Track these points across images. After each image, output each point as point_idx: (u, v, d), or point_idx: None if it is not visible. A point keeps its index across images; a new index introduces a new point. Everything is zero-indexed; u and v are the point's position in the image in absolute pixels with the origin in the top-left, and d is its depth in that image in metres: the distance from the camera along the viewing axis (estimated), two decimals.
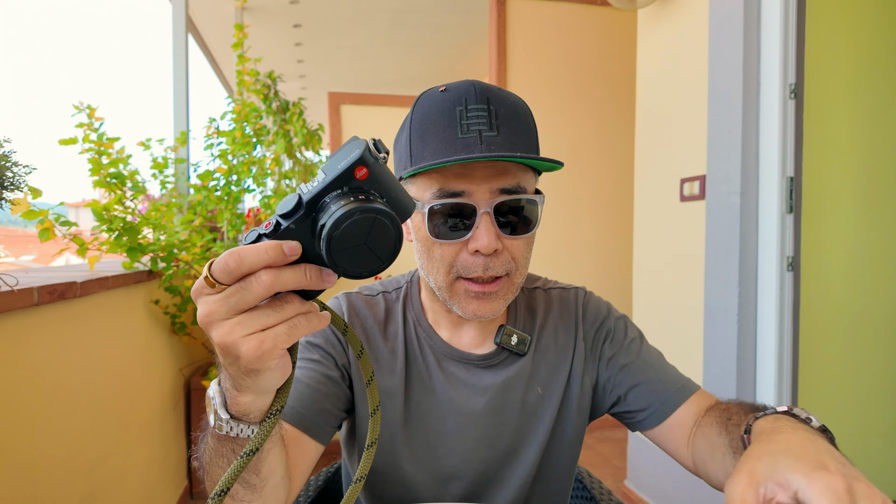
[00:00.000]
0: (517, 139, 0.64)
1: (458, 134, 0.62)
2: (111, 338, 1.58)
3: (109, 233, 1.77)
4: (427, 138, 0.64)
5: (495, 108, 0.63)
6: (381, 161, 0.41)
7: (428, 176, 0.65)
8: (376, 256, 0.40)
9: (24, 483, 1.09)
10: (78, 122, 1.82)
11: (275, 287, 0.39)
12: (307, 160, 3.52)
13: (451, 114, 0.63)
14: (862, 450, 1.92)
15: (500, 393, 0.76)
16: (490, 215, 0.63)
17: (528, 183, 0.67)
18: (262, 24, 4.32)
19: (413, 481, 0.75)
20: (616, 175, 3.30)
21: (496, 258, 0.65)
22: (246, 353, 0.40)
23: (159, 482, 1.94)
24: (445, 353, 0.77)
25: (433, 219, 0.64)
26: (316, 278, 0.41)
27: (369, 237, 0.39)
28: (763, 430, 0.52)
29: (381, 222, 0.39)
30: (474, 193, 0.63)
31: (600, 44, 3.31)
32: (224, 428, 0.47)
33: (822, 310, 1.83)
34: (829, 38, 1.79)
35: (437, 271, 0.68)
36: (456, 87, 0.65)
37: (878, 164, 1.90)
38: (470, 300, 0.68)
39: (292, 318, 0.41)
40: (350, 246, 0.39)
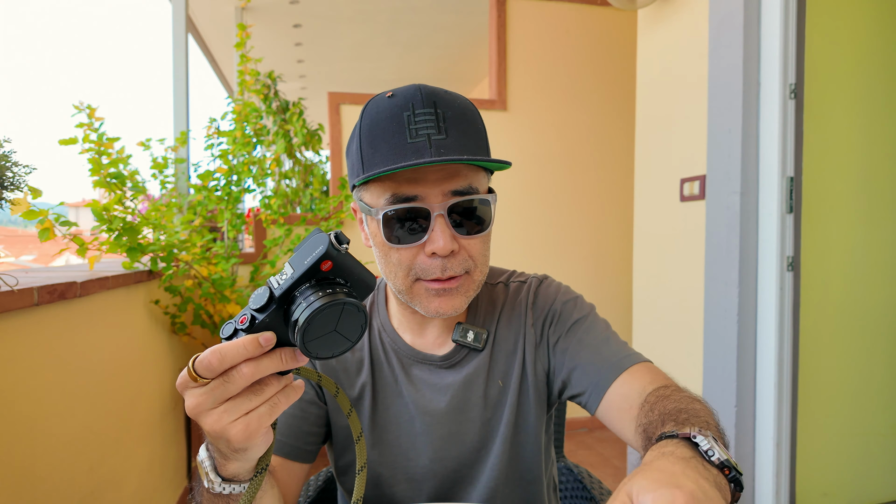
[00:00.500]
0: (466, 141, 0.65)
1: (408, 139, 0.63)
2: (111, 338, 1.58)
3: (109, 233, 1.76)
4: (377, 145, 0.64)
5: (442, 112, 0.64)
6: (344, 251, 0.44)
7: (381, 182, 0.65)
8: (346, 339, 0.45)
9: (25, 483, 1.09)
10: (78, 122, 1.82)
11: (255, 376, 0.44)
12: (307, 160, 3.52)
13: (398, 119, 0.64)
14: (862, 450, 1.92)
15: (462, 390, 0.77)
16: (444, 217, 0.64)
17: (480, 183, 0.68)
18: (262, 24, 4.32)
19: (388, 483, 0.77)
20: (616, 175, 3.30)
21: (454, 258, 0.67)
22: (234, 437, 0.45)
23: (159, 482, 1.94)
24: (409, 357, 0.79)
25: (388, 224, 0.65)
26: (291, 360, 0.45)
27: (338, 325, 0.44)
28: (647, 458, 0.49)
29: (348, 310, 0.43)
30: (427, 197, 0.64)
31: (600, 44, 3.31)
32: (216, 488, 0.52)
33: (822, 310, 1.83)
34: (828, 38, 1.79)
35: (395, 275, 0.69)
36: (402, 93, 0.66)
37: (878, 163, 1.90)
38: (431, 298, 0.69)
39: (272, 397, 0.46)
40: (321, 335, 0.43)
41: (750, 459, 1.79)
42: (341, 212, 2.87)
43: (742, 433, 1.77)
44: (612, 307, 3.05)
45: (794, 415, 1.76)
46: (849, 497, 1.91)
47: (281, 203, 2.81)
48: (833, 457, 1.88)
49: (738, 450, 1.77)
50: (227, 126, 2.62)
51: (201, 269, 2.21)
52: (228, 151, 2.55)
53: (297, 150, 3.45)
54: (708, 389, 1.88)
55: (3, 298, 1.01)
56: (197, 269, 2.20)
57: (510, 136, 3.17)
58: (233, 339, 0.45)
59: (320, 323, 0.43)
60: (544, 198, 3.14)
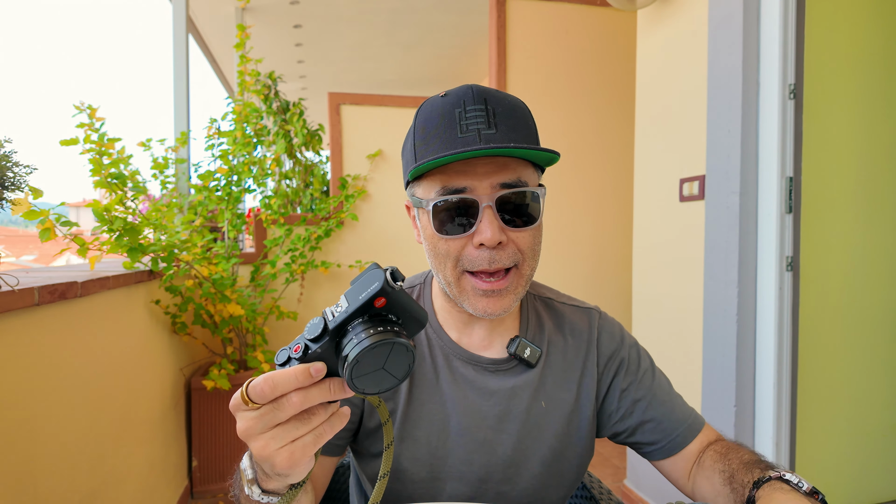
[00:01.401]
0: (515, 134, 0.66)
1: (458, 133, 0.65)
2: (112, 338, 1.58)
3: (110, 233, 1.77)
4: (429, 140, 0.67)
5: (493, 108, 0.66)
6: (399, 288, 0.45)
7: (432, 176, 0.67)
8: (393, 377, 0.46)
9: (25, 483, 1.09)
10: (79, 123, 1.82)
11: (304, 406, 0.45)
12: (307, 160, 3.53)
13: (450, 116, 0.66)
14: (861, 450, 1.92)
15: (506, 399, 0.77)
16: (492, 209, 0.66)
17: (529, 177, 0.69)
18: (262, 25, 4.32)
19: (410, 479, 0.77)
20: (615, 175, 3.30)
21: (502, 251, 0.67)
22: (279, 463, 0.47)
23: (159, 482, 1.95)
24: (454, 353, 0.78)
25: (437, 215, 0.67)
26: (339, 391, 0.47)
27: (386, 363, 0.45)
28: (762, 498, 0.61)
29: (397, 349, 0.44)
30: (476, 189, 0.66)
31: (600, 44, 3.31)
32: (255, 497, 0.54)
33: (822, 310, 1.83)
34: (828, 38, 1.79)
35: (444, 266, 0.70)
36: (455, 92, 0.68)
37: (877, 163, 1.90)
38: (479, 298, 0.69)
39: (318, 427, 0.47)
40: (369, 371, 0.44)
41: None
42: (341, 212, 2.87)
43: (741, 433, 1.78)
44: (612, 307, 3.05)
45: (794, 415, 1.77)
46: (848, 497, 1.91)
47: (281, 203, 2.82)
48: (832, 457, 1.89)
49: None
50: (228, 126, 2.62)
51: (202, 269, 2.22)
52: (229, 152, 2.55)
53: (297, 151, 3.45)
54: (707, 389, 1.88)
55: (4, 298, 1.01)
56: (197, 269, 2.20)
57: None
58: (286, 366, 0.46)
59: (369, 360, 0.44)
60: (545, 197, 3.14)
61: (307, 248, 2.78)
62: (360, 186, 2.93)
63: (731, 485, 0.69)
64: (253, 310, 2.45)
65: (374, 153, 2.94)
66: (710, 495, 0.74)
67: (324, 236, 2.82)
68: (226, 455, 2.36)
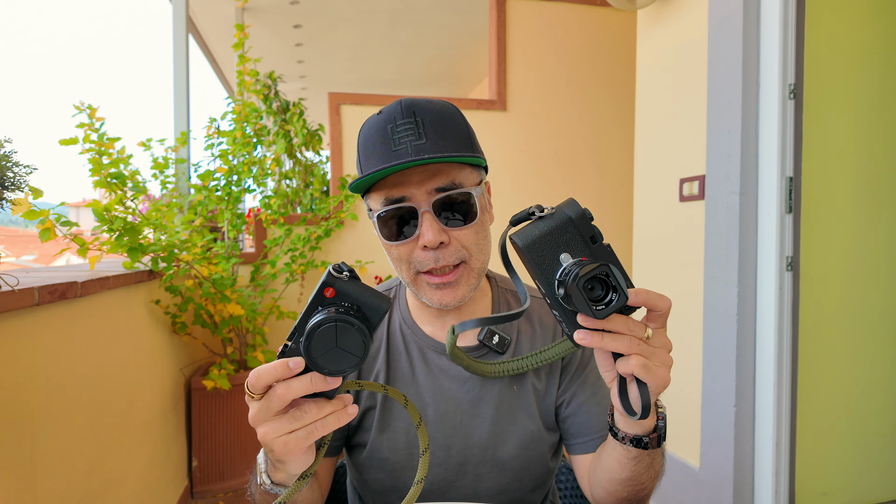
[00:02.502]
0: (444, 142, 0.71)
1: (392, 147, 0.71)
2: (112, 338, 1.58)
3: (110, 233, 1.77)
4: (370, 157, 0.73)
5: (421, 119, 0.72)
6: (345, 278, 0.51)
7: (377, 190, 0.74)
8: (351, 354, 0.49)
9: (25, 483, 1.09)
10: (78, 123, 1.82)
11: (287, 395, 0.51)
12: (307, 160, 3.53)
13: (384, 132, 0.72)
14: (861, 449, 1.92)
15: (478, 385, 0.82)
16: (430, 213, 0.71)
17: (465, 179, 0.74)
18: (262, 25, 4.32)
19: (392, 467, 0.82)
20: (615, 175, 3.30)
21: (445, 249, 0.73)
22: (277, 451, 0.54)
23: (160, 482, 1.95)
24: (428, 345, 0.83)
25: (384, 224, 0.74)
26: (321, 383, 0.51)
27: (338, 341, 0.48)
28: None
29: (342, 327, 0.48)
30: (414, 196, 0.72)
31: (600, 44, 3.31)
32: (266, 487, 0.61)
33: (822, 310, 1.83)
34: (828, 38, 1.79)
35: (400, 269, 0.77)
36: (387, 109, 0.74)
37: (877, 163, 1.90)
38: (434, 291, 0.75)
39: (310, 423, 0.53)
40: (325, 351, 0.48)
41: (749, 459, 1.79)
42: (341, 212, 2.87)
43: (741, 433, 1.78)
44: None
45: (794, 414, 1.77)
46: (848, 496, 1.91)
47: (281, 203, 2.81)
48: (832, 456, 1.89)
49: (738, 449, 1.77)
50: (228, 126, 2.62)
51: (202, 269, 2.22)
52: (229, 151, 2.55)
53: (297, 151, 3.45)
54: (707, 389, 1.88)
55: (4, 298, 1.01)
56: (197, 269, 2.20)
57: (510, 136, 3.17)
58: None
59: (319, 340, 0.48)
60: (544, 197, 3.14)
61: (307, 248, 2.78)
62: None
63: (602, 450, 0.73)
64: (253, 310, 2.45)
65: None
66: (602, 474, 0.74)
67: (324, 236, 2.82)
68: (226, 455, 2.36)
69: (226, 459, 2.36)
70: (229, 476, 2.36)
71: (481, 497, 0.82)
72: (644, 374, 0.53)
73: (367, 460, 0.82)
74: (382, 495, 0.83)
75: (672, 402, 2.02)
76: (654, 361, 0.54)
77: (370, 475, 0.83)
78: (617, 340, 0.53)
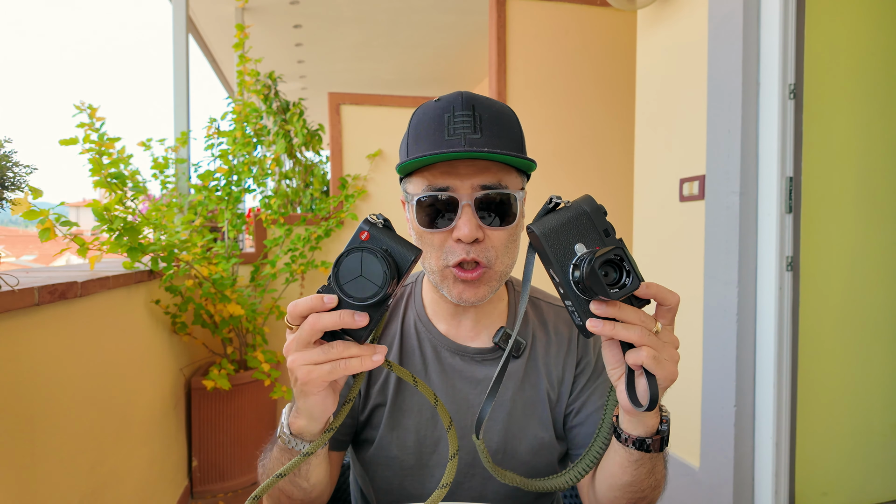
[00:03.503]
0: (498, 140, 0.71)
1: (445, 136, 0.70)
2: (111, 338, 1.58)
3: (110, 233, 1.77)
4: (420, 141, 0.73)
5: (479, 114, 0.71)
6: (379, 225, 0.57)
7: (421, 174, 0.73)
8: (372, 283, 0.53)
9: (25, 483, 1.09)
10: (79, 123, 1.82)
11: (317, 325, 0.54)
12: (307, 160, 3.52)
13: (440, 119, 0.72)
14: (861, 449, 1.92)
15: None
16: (471, 207, 0.71)
17: (510, 181, 0.74)
18: (262, 25, 4.32)
19: (400, 465, 0.81)
20: (615, 175, 3.30)
21: (478, 246, 0.72)
22: (300, 378, 0.56)
23: (160, 482, 1.95)
24: (443, 345, 0.83)
25: (421, 210, 0.73)
26: (348, 318, 0.54)
27: (363, 270, 0.53)
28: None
29: (367, 256, 0.53)
30: (458, 189, 0.71)
31: (600, 44, 3.31)
32: (285, 439, 0.64)
33: (822, 310, 1.83)
34: (828, 38, 1.79)
35: (429, 257, 0.76)
36: (447, 97, 0.74)
37: (877, 164, 1.90)
38: (457, 284, 0.74)
39: (336, 360, 0.55)
40: (351, 279, 0.53)
41: (749, 459, 1.79)
42: (341, 212, 2.87)
43: (741, 433, 1.78)
44: None
45: (794, 414, 1.77)
46: (848, 496, 1.91)
47: (281, 203, 2.81)
48: (832, 456, 1.89)
49: (738, 449, 1.77)
50: (228, 126, 2.62)
51: (202, 269, 2.22)
52: (229, 151, 2.55)
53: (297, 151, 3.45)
54: (707, 389, 1.88)
55: (4, 298, 1.01)
56: (197, 269, 2.20)
57: None
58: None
59: (346, 267, 0.53)
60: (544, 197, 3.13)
61: (307, 248, 2.78)
62: (359, 186, 2.93)
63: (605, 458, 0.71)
64: (253, 310, 2.45)
65: (374, 153, 2.94)
66: (602, 479, 0.72)
67: (324, 236, 2.82)
68: (226, 455, 2.36)
69: (226, 459, 2.36)
70: (229, 476, 2.36)
71: (487, 500, 0.82)
72: (654, 365, 0.54)
73: (375, 458, 0.82)
74: (388, 494, 0.83)
75: (672, 402, 2.02)
76: (662, 354, 0.55)
77: (377, 473, 0.83)
78: (629, 330, 0.54)
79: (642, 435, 0.63)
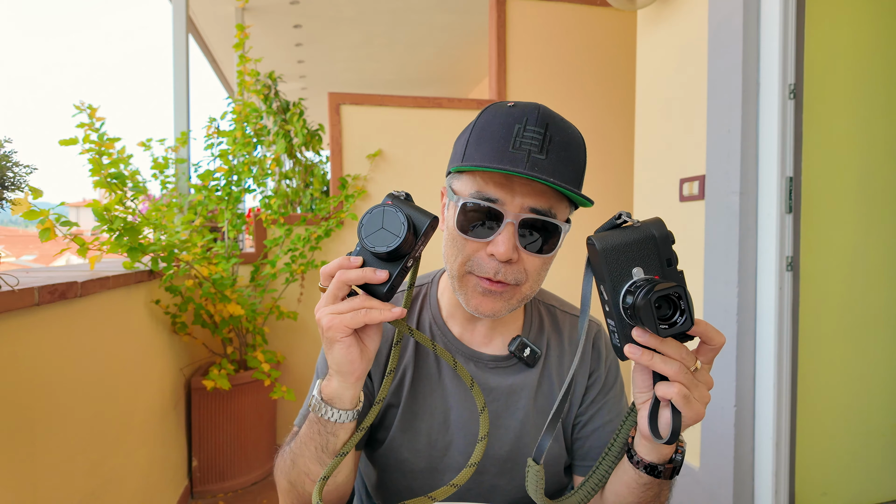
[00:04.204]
0: (562, 167, 0.68)
1: (510, 148, 0.67)
2: (111, 338, 1.58)
3: (110, 233, 1.77)
4: (482, 143, 0.69)
5: (551, 135, 0.68)
6: (402, 197, 0.63)
7: (472, 176, 0.70)
8: (391, 233, 0.59)
9: (25, 483, 1.09)
10: (79, 123, 1.82)
11: (343, 278, 0.60)
12: (307, 160, 3.52)
13: (509, 128, 0.68)
14: (861, 449, 1.92)
15: (504, 397, 0.80)
16: (514, 226, 0.68)
17: (560, 210, 0.71)
18: (262, 25, 4.32)
19: (410, 469, 0.81)
20: (615, 175, 3.30)
21: (510, 266, 0.70)
22: (324, 325, 0.61)
23: (160, 482, 1.95)
24: (457, 350, 0.81)
25: (464, 214, 0.70)
26: (370, 273, 0.59)
27: (384, 222, 0.59)
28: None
29: (388, 210, 0.60)
30: (507, 204, 0.68)
31: (600, 44, 3.31)
32: (315, 405, 0.66)
33: (822, 310, 1.83)
34: (828, 38, 1.79)
35: (454, 260, 0.73)
36: (523, 106, 0.70)
37: (877, 163, 1.90)
38: (476, 294, 0.72)
39: (357, 308, 0.60)
40: (373, 231, 0.59)
41: (749, 459, 1.79)
42: (341, 212, 2.87)
43: (741, 433, 1.78)
44: None
45: (794, 414, 1.77)
46: (848, 496, 1.91)
47: (281, 203, 2.81)
48: (832, 456, 1.89)
49: (737, 450, 1.77)
50: (228, 126, 2.62)
51: (202, 269, 2.22)
52: (229, 151, 2.55)
53: (297, 151, 3.45)
54: None
55: (4, 298, 1.01)
56: (197, 269, 2.20)
57: None
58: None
59: (370, 222, 0.59)
60: None
61: (307, 248, 2.78)
62: (360, 186, 2.93)
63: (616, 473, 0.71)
64: (253, 310, 2.45)
65: (374, 153, 2.94)
66: (607, 496, 0.72)
67: (324, 236, 2.81)
68: (226, 455, 2.36)
69: (226, 459, 2.36)
70: (229, 476, 2.36)
71: (495, 502, 0.81)
72: (683, 403, 0.54)
73: (384, 458, 0.82)
74: (396, 495, 0.82)
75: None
76: (694, 394, 0.54)
77: (386, 475, 0.82)
78: (666, 364, 0.53)
79: (655, 461, 0.62)
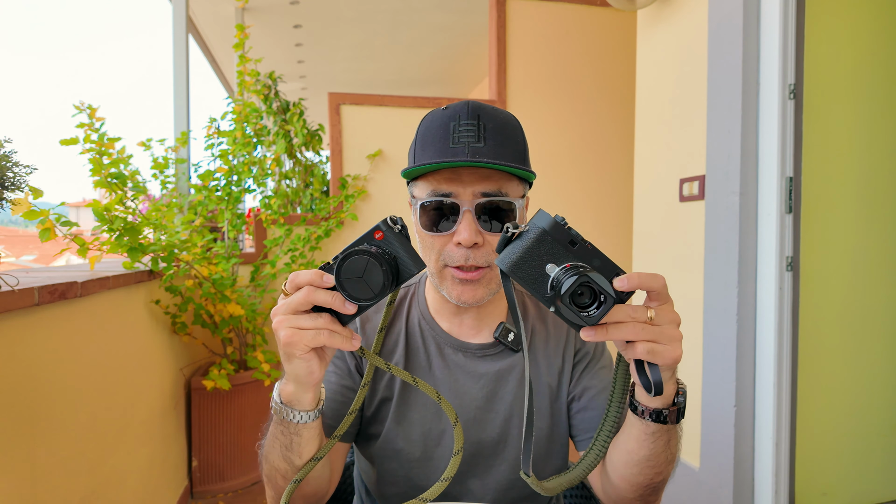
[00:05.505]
0: (501, 149, 0.74)
1: (450, 144, 0.74)
2: (111, 338, 1.58)
3: (110, 233, 1.77)
4: (426, 147, 0.76)
5: (484, 123, 0.75)
6: (396, 230, 0.59)
7: (426, 180, 0.77)
8: (370, 289, 0.56)
9: (25, 483, 1.09)
10: (79, 123, 1.82)
11: (308, 298, 0.57)
12: (307, 160, 3.52)
13: (446, 128, 0.75)
14: (861, 450, 1.92)
15: (493, 382, 0.85)
16: (472, 213, 0.74)
17: (511, 189, 0.77)
18: (262, 25, 4.32)
19: (406, 458, 0.84)
20: (616, 175, 3.30)
21: (477, 251, 0.75)
22: (283, 339, 0.58)
23: (160, 482, 1.95)
24: (445, 342, 0.86)
25: (424, 214, 0.77)
26: (339, 302, 0.58)
27: (364, 273, 0.55)
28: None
29: (372, 264, 0.55)
30: (460, 195, 0.75)
31: (600, 44, 3.31)
32: (277, 408, 0.66)
33: (822, 310, 1.83)
34: (828, 38, 1.79)
35: (429, 259, 0.79)
36: (454, 106, 0.77)
37: (877, 164, 1.90)
38: (456, 285, 0.77)
39: (320, 328, 0.58)
40: (352, 277, 0.55)
41: (749, 459, 1.79)
42: (341, 212, 2.87)
43: (741, 433, 1.78)
44: None
45: (794, 414, 1.77)
46: (848, 496, 1.91)
47: (281, 203, 2.81)
48: (832, 456, 1.89)
49: (738, 450, 1.77)
50: (228, 126, 2.62)
51: (202, 269, 2.22)
52: (229, 151, 2.55)
53: (297, 151, 3.45)
54: (707, 389, 1.88)
55: (4, 298, 1.01)
56: (197, 269, 2.20)
57: None
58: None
59: (350, 265, 0.55)
60: (543, 197, 3.14)
61: (307, 248, 2.78)
62: (360, 186, 2.94)
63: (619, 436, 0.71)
64: (253, 310, 2.45)
65: (374, 153, 2.94)
66: (618, 457, 0.72)
67: (324, 236, 2.82)
68: (226, 455, 2.36)
69: (226, 459, 2.36)
70: (229, 476, 2.36)
71: (491, 490, 0.84)
72: (651, 357, 0.55)
73: (380, 450, 0.84)
74: (393, 486, 0.85)
75: None
76: (661, 341, 0.55)
77: (383, 466, 0.85)
78: (621, 330, 0.54)
79: (659, 406, 0.63)
